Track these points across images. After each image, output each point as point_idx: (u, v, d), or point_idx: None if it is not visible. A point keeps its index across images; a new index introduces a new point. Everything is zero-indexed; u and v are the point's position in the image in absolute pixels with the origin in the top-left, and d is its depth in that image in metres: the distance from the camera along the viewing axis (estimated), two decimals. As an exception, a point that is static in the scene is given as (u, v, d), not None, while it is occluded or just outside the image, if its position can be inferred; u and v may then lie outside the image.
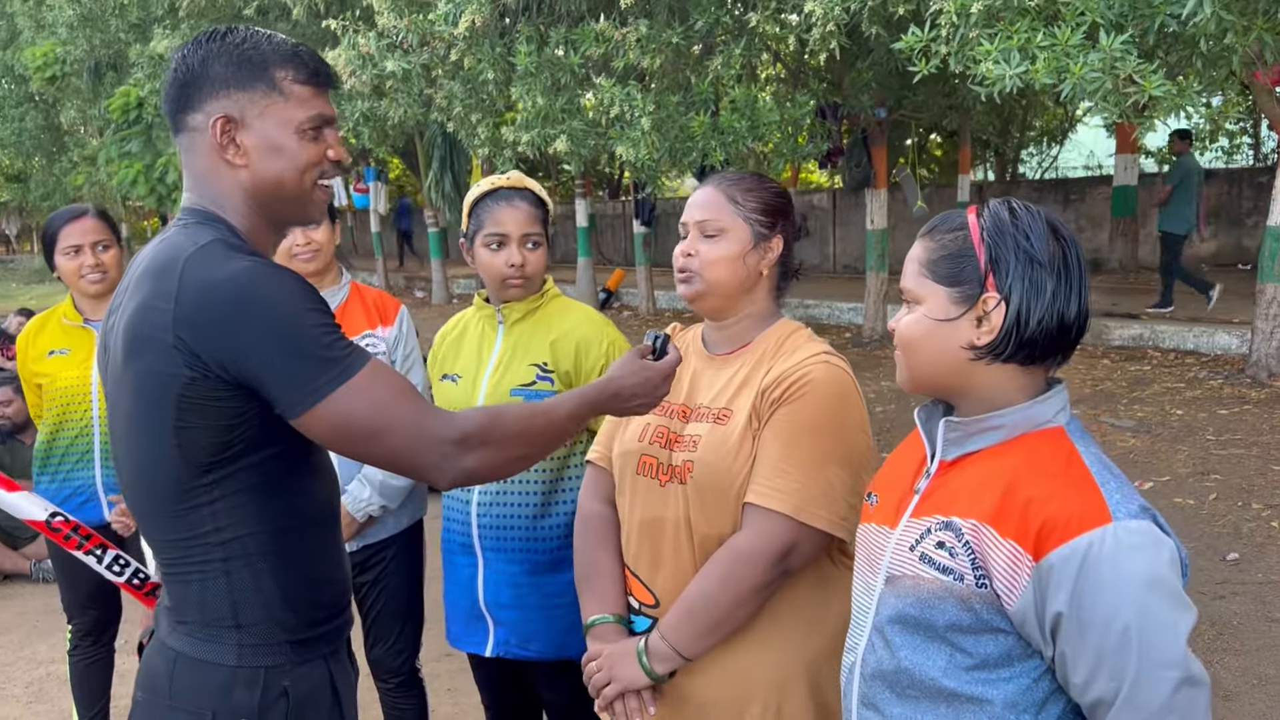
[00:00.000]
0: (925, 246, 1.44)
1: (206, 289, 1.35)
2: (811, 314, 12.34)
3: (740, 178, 1.90)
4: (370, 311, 2.72)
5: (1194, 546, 4.84)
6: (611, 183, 24.16)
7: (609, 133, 7.21)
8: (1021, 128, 19.38)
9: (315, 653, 1.54)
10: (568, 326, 2.33)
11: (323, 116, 1.53)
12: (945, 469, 1.43)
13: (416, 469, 1.42)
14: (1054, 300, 1.35)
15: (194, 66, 1.47)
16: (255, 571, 1.47)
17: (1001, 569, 1.30)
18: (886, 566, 1.44)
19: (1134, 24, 5.10)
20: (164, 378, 1.37)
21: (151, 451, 1.43)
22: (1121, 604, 1.24)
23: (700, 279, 1.85)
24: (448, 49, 7.50)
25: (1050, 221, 1.39)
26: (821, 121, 9.01)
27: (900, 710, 1.42)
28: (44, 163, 24.04)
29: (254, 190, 1.50)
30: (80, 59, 16.84)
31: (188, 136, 1.50)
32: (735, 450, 1.78)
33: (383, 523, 2.66)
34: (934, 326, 1.40)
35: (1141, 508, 1.29)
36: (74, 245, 3.00)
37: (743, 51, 7.04)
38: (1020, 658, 1.34)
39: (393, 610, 2.72)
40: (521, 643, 2.33)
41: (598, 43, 6.99)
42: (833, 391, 1.77)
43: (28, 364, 3.16)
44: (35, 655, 4.36)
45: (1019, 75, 5.07)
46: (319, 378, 1.35)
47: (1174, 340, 9.19)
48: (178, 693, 1.47)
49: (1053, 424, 1.39)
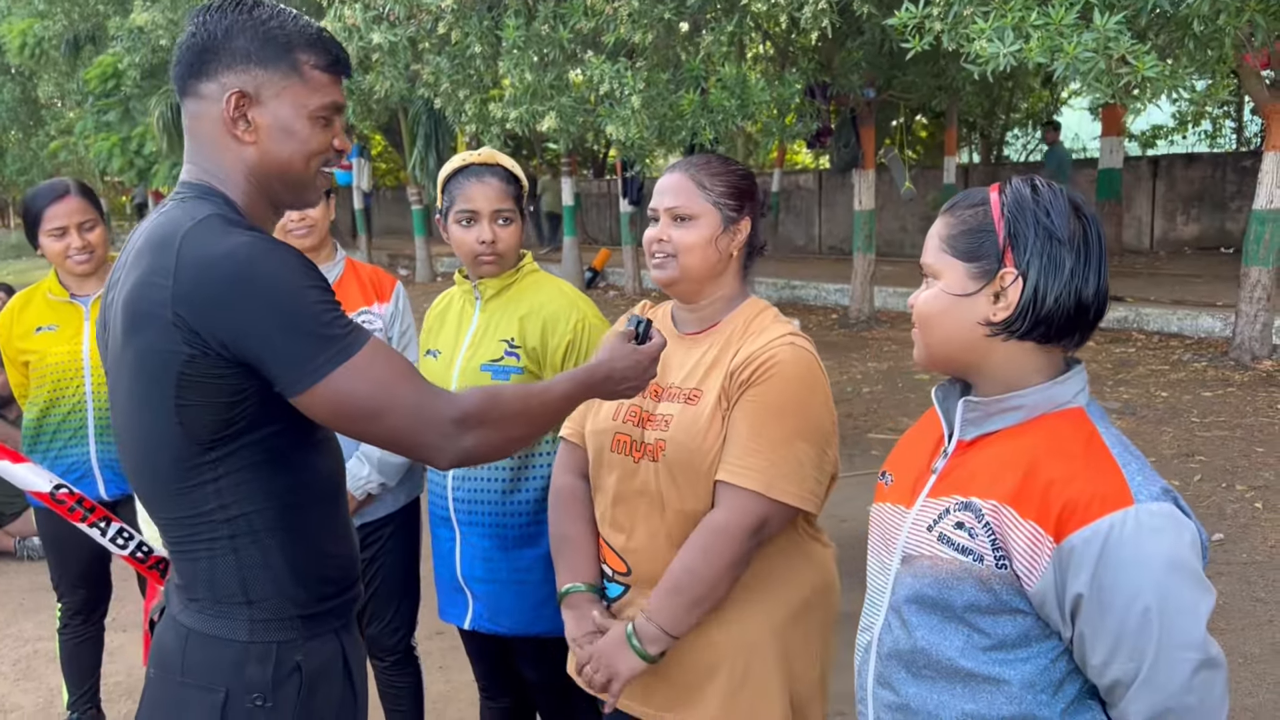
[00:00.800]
0: (946, 222, 1.43)
1: (204, 265, 1.33)
2: (798, 295, 12.35)
3: (706, 161, 1.95)
4: (366, 288, 2.70)
5: (1180, 526, 4.88)
6: (596, 161, 24.07)
7: (598, 110, 7.16)
8: (1007, 110, 19.40)
9: (326, 627, 1.54)
10: (538, 303, 2.33)
11: (336, 104, 1.52)
12: (963, 449, 1.43)
13: (417, 449, 1.42)
14: (1072, 278, 1.34)
15: (216, 34, 1.44)
16: (263, 547, 1.46)
17: (1022, 550, 1.30)
18: (903, 546, 1.44)
19: (1127, 4, 5.10)
20: (164, 355, 1.36)
21: (154, 429, 1.42)
22: (1143, 586, 1.24)
23: (675, 264, 1.90)
24: (435, 22, 7.41)
25: (1072, 200, 1.38)
26: (810, 101, 8.98)
27: (916, 690, 1.42)
28: (20, 136, 23.73)
29: (258, 169, 1.48)
30: (58, 32, 16.60)
31: (196, 102, 1.47)
32: (705, 429, 1.84)
33: (380, 501, 2.65)
34: (951, 301, 1.39)
35: (1163, 490, 1.29)
36: (59, 227, 2.95)
37: (734, 29, 7.00)
38: (1038, 638, 1.34)
39: (390, 588, 2.72)
40: (492, 617, 2.35)
41: (587, 16, 6.93)
42: (798, 372, 1.84)
43: (13, 341, 3.12)
44: (21, 633, 4.32)
45: (1013, 54, 5.06)
46: (319, 356, 1.34)
47: (1158, 323, 9.24)
48: (190, 669, 1.47)
49: (1072, 405, 1.39)
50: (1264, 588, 4.20)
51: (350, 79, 1.56)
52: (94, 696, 3.34)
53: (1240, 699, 3.39)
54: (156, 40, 13.34)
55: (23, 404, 3.20)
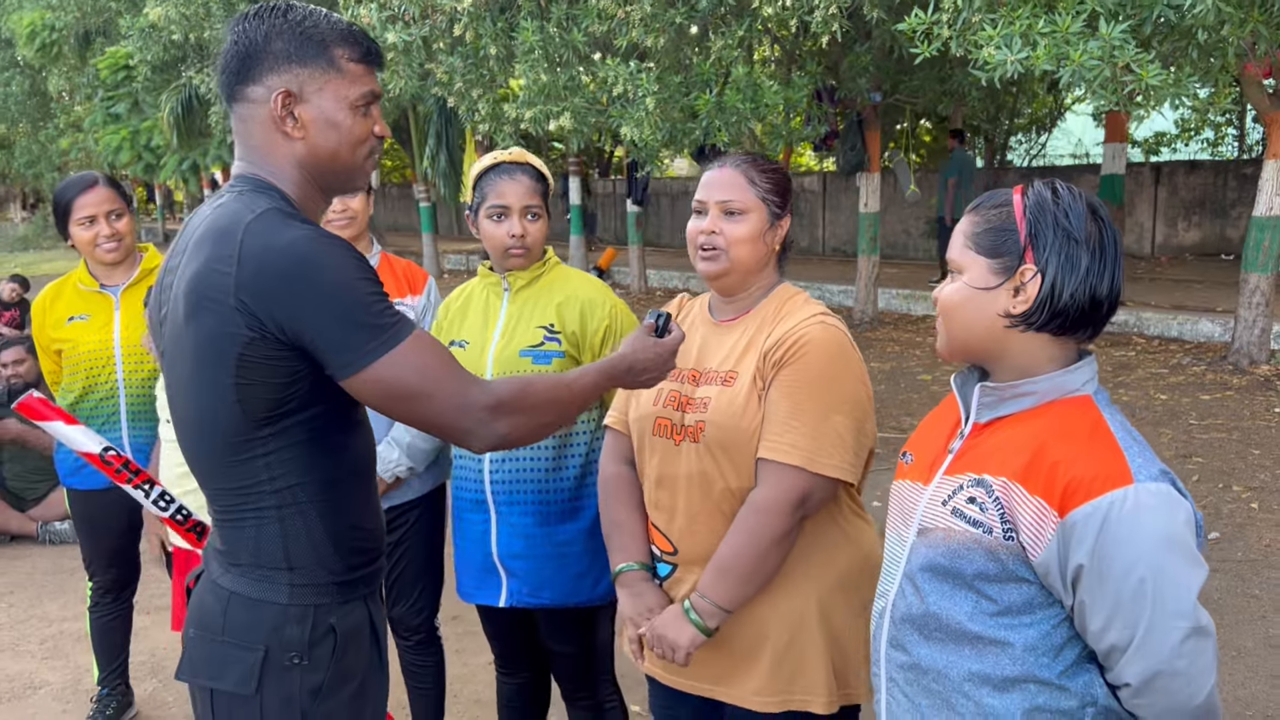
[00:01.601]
0: (972, 220, 1.53)
1: (266, 254, 1.43)
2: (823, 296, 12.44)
3: (752, 159, 2.02)
4: (400, 281, 2.81)
5: (1177, 525, 4.99)
6: (603, 161, 24.16)
7: (610, 111, 7.27)
8: (1011, 115, 19.49)
9: (356, 593, 1.65)
10: (571, 290, 2.45)
11: (373, 93, 1.61)
12: (979, 431, 1.54)
13: (455, 432, 1.52)
14: (1088, 276, 1.44)
15: (257, 40, 1.54)
16: (306, 517, 1.57)
17: (1028, 523, 1.41)
18: (919, 519, 1.55)
19: (1132, 13, 5.21)
20: (226, 337, 1.46)
21: (213, 406, 1.52)
22: (1139, 558, 1.34)
23: (726, 256, 1.97)
24: (449, 22, 7.52)
25: (1090, 204, 1.48)
26: (818, 104, 9.09)
27: (927, 651, 1.53)
28: (29, 129, 23.82)
29: (309, 161, 1.58)
30: (69, 25, 16.69)
31: (245, 106, 1.57)
32: (742, 409, 1.92)
33: (408, 484, 2.75)
34: (973, 294, 1.50)
35: (1161, 471, 1.39)
36: (88, 216, 3.05)
37: (744, 32, 7.10)
38: (1041, 605, 1.45)
39: (415, 569, 2.82)
40: (533, 591, 2.45)
41: (599, 20, 7.03)
42: (829, 349, 1.91)
43: (46, 330, 3.21)
44: (47, 614, 4.43)
45: (1020, 61, 5.17)
46: (369, 342, 1.44)
47: (1158, 327, 9.35)
48: (231, 628, 1.56)
49: (1080, 392, 1.49)
50: (1258, 585, 4.31)
51: (382, 69, 1.66)
52: (123, 673, 3.45)
53: (1233, 690, 3.49)
54: (169, 36, 13.42)
55: (55, 390, 3.30)
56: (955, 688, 1.50)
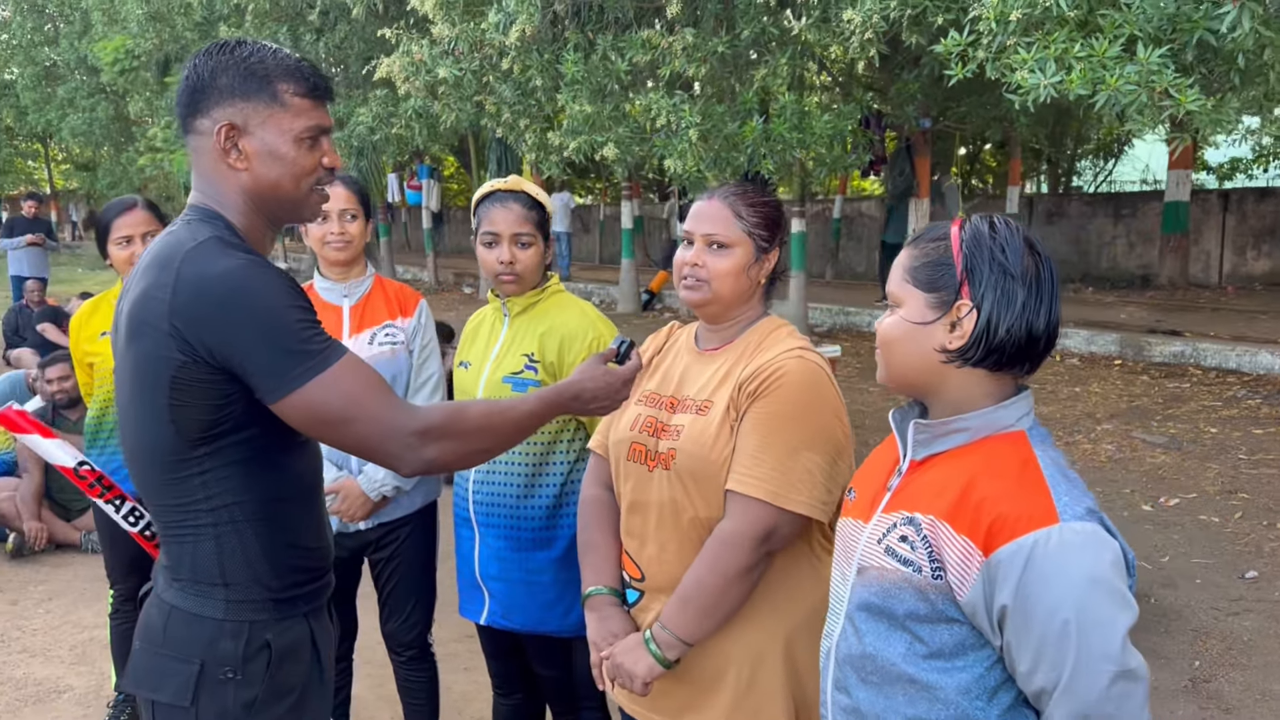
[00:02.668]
0: (910, 254, 1.53)
1: (200, 283, 1.50)
2: (851, 320, 12.37)
3: (743, 191, 2.00)
4: (391, 303, 2.89)
5: (1213, 563, 4.86)
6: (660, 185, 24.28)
7: (655, 141, 7.34)
8: (1076, 140, 19.17)
9: (296, 610, 1.68)
10: (558, 321, 2.50)
11: (319, 126, 1.66)
12: (915, 468, 1.53)
13: (382, 456, 1.56)
14: (1024, 311, 1.43)
15: (204, 75, 1.61)
16: (241, 536, 1.61)
17: (955, 562, 1.40)
18: (859, 558, 1.54)
19: (1172, 38, 5.11)
20: (160, 361, 1.52)
21: (150, 425, 1.58)
22: (1063, 599, 1.31)
23: (708, 288, 1.97)
24: (499, 56, 7.67)
25: (1028, 238, 1.47)
26: (865, 130, 9.06)
27: (865, 694, 1.52)
28: (112, 152, 24.72)
29: (253, 192, 1.64)
30: (149, 52, 17.33)
31: (195, 139, 1.64)
32: (713, 439, 1.91)
33: (397, 502, 2.82)
34: (911, 329, 1.49)
35: (1088, 510, 1.37)
36: (125, 236, 3.20)
37: (788, 60, 7.13)
38: (973, 647, 1.43)
39: (407, 585, 2.88)
40: (505, 614, 2.52)
41: (644, 50, 7.12)
42: (805, 383, 1.89)
43: (80, 344, 3.37)
44: (81, 620, 4.60)
45: (1054, 85, 5.10)
46: (296, 368, 1.49)
47: (1216, 359, 9.11)
48: (170, 641, 1.62)
49: (1015, 428, 1.47)
50: (1291, 627, 4.18)
51: (332, 101, 1.72)
52: (142, 681, 3.56)
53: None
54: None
55: (87, 401, 3.46)
56: None
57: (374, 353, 2.77)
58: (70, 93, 23.52)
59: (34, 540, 5.40)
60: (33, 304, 10.29)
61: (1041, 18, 5.14)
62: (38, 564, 5.39)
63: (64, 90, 23.84)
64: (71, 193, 32.97)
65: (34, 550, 5.42)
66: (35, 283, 10.84)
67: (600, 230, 23.03)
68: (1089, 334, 10.12)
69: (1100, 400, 8.15)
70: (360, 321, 2.83)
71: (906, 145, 10.54)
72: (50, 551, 5.53)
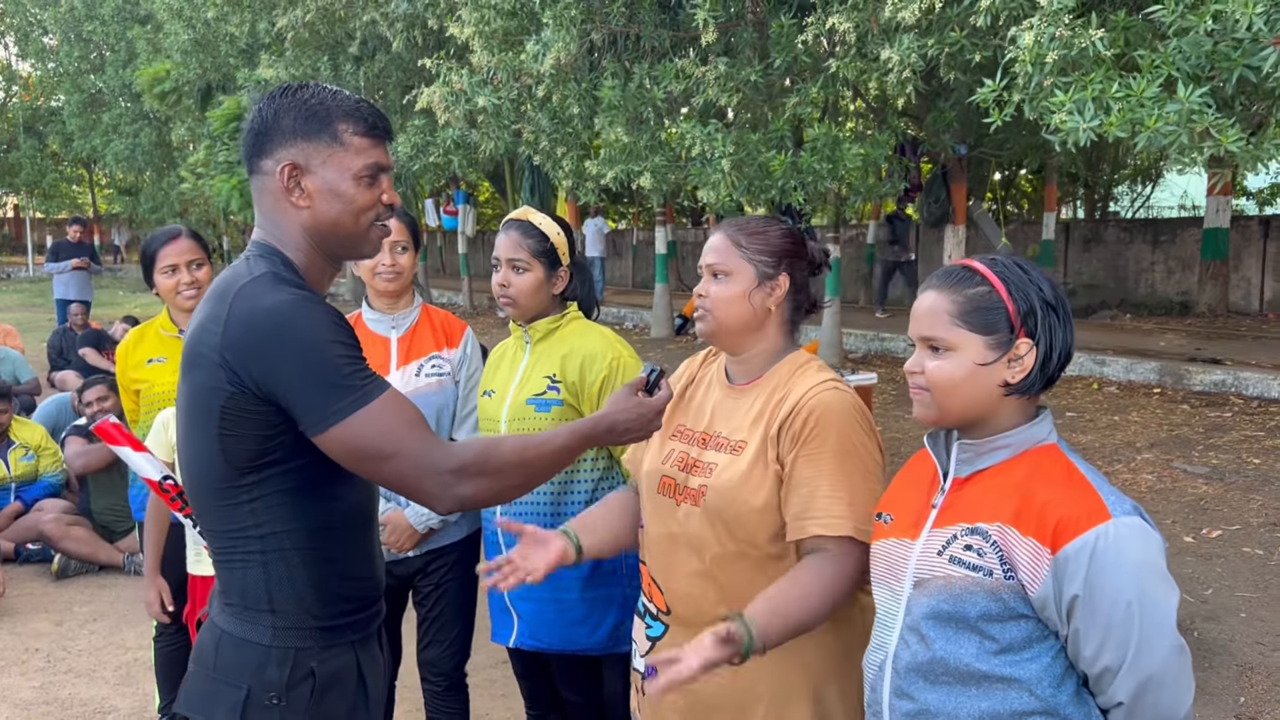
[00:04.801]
0: (954, 300, 1.62)
1: (249, 317, 1.56)
2: (886, 347, 12.33)
3: (747, 222, 2.06)
4: (438, 333, 2.94)
5: (1258, 597, 4.80)
6: (694, 211, 24.38)
7: (689, 170, 7.39)
8: (1113, 165, 19.05)
9: (343, 639, 1.71)
10: (578, 344, 2.60)
11: (379, 165, 1.71)
12: (959, 485, 1.65)
13: (418, 494, 1.59)
14: (1063, 339, 1.62)
15: (268, 118, 1.67)
16: (289, 563, 1.65)
17: (1025, 562, 1.54)
18: (913, 572, 1.64)
19: (1210, 75, 5.08)
20: (212, 391, 1.58)
21: (201, 453, 1.64)
22: (1125, 585, 1.49)
23: (712, 317, 2.02)
24: (536, 84, 7.78)
25: (1044, 273, 1.65)
26: (900, 158, 9.07)
27: (934, 695, 1.62)
28: (154, 177, 25.18)
29: (314, 229, 1.69)
30: (192, 80, 17.68)
31: (259, 178, 1.70)
32: (744, 478, 1.93)
33: (444, 531, 2.86)
34: (975, 370, 1.61)
35: (1132, 506, 1.54)
36: (171, 265, 3.27)
37: (820, 90, 7.16)
38: (1039, 639, 1.57)
39: (450, 614, 2.91)
40: (533, 634, 2.57)
41: (678, 79, 7.19)
42: (849, 416, 1.92)
43: (128, 371, 3.44)
44: (124, 642, 4.68)
45: (1093, 128, 5.08)
46: (337, 403, 1.54)
47: (1258, 388, 8.99)
48: (221, 666, 1.67)
49: (1047, 442, 1.64)
50: (1338, 665, 4.11)
51: (391, 141, 1.76)
52: (185, 704, 3.61)
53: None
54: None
55: (133, 429, 3.52)
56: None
57: (420, 384, 2.82)
58: (115, 119, 24.01)
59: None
60: (76, 327, 10.50)
61: (1078, 58, 5.14)
62: (82, 585, 5.48)
63: (108, 117, 24.34)
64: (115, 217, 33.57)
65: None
66: (79, 306, 11.06)
67: (633, 255, 23.13)
68: (1128, 362, 10.03)
69: (1140, 429, 8.07)
70: (408, 353, 2.88)
71: (943, 172, 10.52)
72: (94, 573, 5.62)
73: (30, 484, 6.14)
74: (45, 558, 5.67)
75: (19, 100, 30.08)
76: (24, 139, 29.07)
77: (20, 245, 33.52)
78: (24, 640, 4.72)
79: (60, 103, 28.14)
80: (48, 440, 6.40)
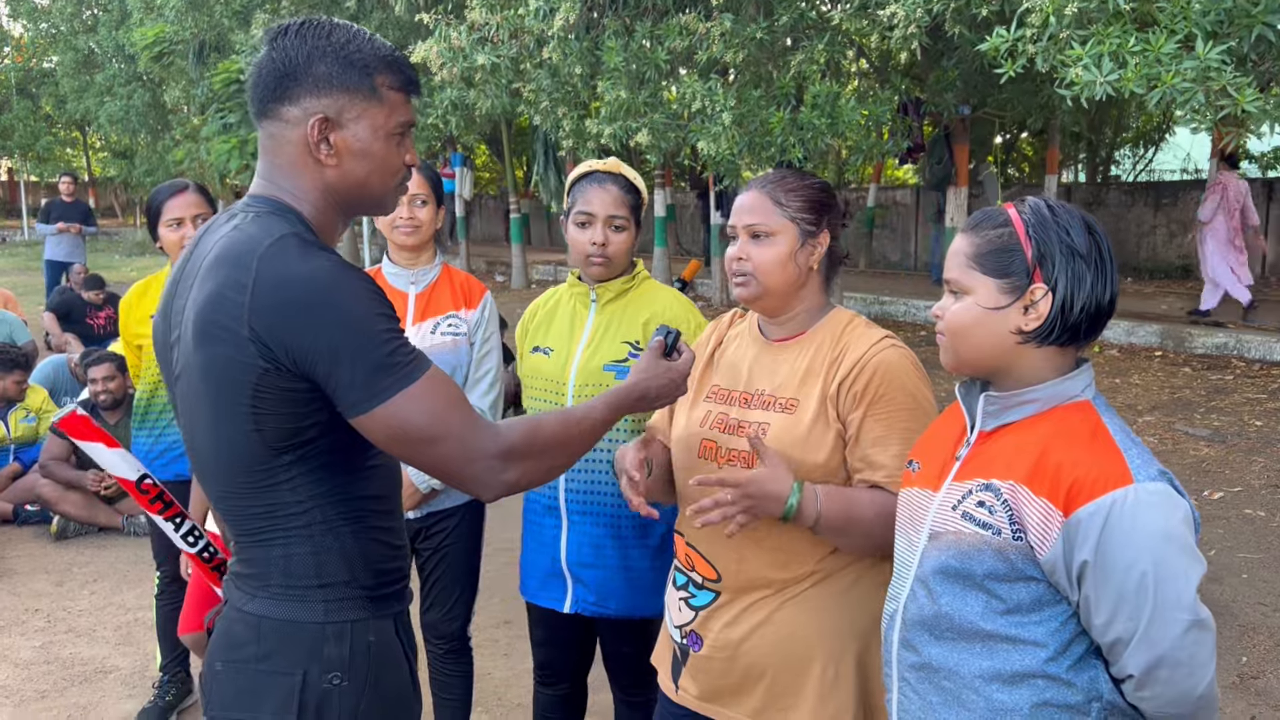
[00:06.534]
0: (972, 241, 1.57)
1: (281, 285, 1.38)
2: (887, 310, 12.28)
3: (782, 177, 1.97)
4: (457, 294, 2.87)
5: (1260, 558, 4.79)
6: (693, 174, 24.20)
7: (690, 126, 7.31)
8: (1116, 128, 18.88)
9: (389, 610, 1.60)
10: (658, 307, 2.49)
11: (409, 122, 1.58)
12: (984, 438, 1.59)
13: (462, 480, 1.47)
14: (1093, 289, 1.51)
15: (298, 60, 1.48)
16: (338, 534, 1.52)
17: (1035, 523, 1.47)
18: (930, 524, 1.60)
19: (1228, 32, 5.00)
20: (240, 366, 1.41)
21: (230, 434, 1.47)
22: (1140, 554, 1.40)
23: (756, 281, 1.93)
24: (537, 44, 7.66)
25: (1084, 218, 1.54)
26: (903, 118, 8.98)
27: (938, 650, 1.59)
28: (149, 140, 24.93)
29: (338, 187, 1.54)
30: (186, 40, 17.46)
31: (277, 125, 1.51)
32: (805, 438, 1.87)
33: (447, 492, 2.82)
34: (984, 314, 1.54)
35: (1160, 471, 1.45)
36: (176, 218, 3.20)
37: (825, 47, 7.07)
38: (1049, 603, 1.50)
39: (453, 576, 2.88)
40: (600, 600, 2.50)
41: (682, 36, 7.09)
42: (913, 372, 1.90)
43: (130, 325, 3.40)
44: (124, 602, 4.66)
45: (1109, 83, 5.00)
46: (380, 382, 1.39)
47: (1260, 350, 8.96)
48: (266, 655, 1.50)
49: (1080, 398, 1.55)
50: (1341, 624, 4.11)
51: (420, 98, 1.66)
52: (184, 661, 3.60)
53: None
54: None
55: (136, 383, 3.49)
56: (966, 684, 1.55)
57: (435, 342, 2.77)
58: (108, 80, 23.74)
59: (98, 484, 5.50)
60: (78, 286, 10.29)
61: (1096, 11, 5.04)
62: (81, 546, 5.47)
63: (102, 78, 24.06)
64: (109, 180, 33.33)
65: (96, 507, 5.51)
66: (81, 268, 10.94)
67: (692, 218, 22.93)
68: (1129, 325, 9.99)
69: (1141, 392, 8.05)
70: (425, 310, 2.83)
71: (945, 133, 10.42)
72: (93, 534, 5.60)
73: (30, 446, 6.11)
74: (44, 519, 5.65)
75: (11, 61, 29.73)
76: (17, 101, 28.74)
77: (15, 209, 33.22)
78: (24, 600, 4.71)
79: (53, 64, 27.82)
80: (49, 403, 6.37)
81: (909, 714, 1.64)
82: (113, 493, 5.54)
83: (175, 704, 3.57)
